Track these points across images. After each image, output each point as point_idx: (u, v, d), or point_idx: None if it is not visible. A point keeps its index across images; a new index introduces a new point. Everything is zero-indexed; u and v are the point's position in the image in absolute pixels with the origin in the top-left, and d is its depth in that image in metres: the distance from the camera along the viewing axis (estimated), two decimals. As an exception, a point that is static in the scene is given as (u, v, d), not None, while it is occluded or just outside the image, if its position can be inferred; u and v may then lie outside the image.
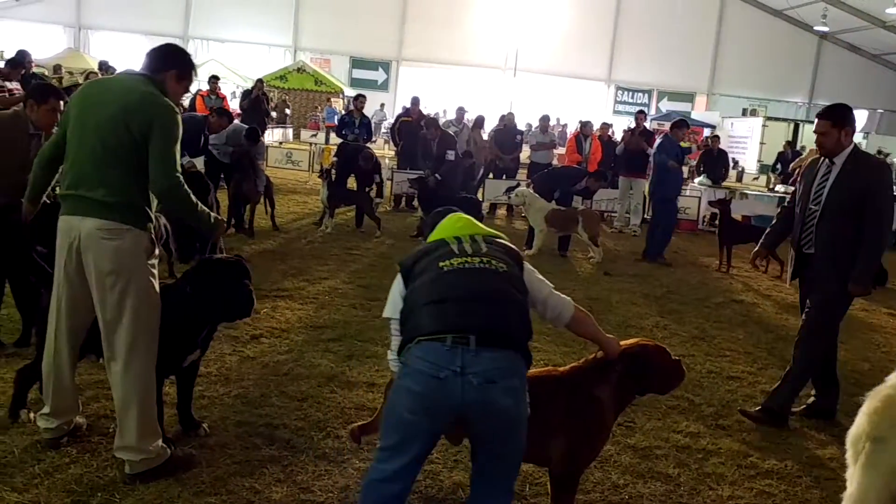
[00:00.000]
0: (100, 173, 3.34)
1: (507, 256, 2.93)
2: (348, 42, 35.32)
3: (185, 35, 34.72)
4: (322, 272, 7.94)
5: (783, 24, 35.60)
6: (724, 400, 5.19)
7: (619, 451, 4.19)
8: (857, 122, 4.98)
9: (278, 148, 19.03)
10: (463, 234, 2.98)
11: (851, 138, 4.79)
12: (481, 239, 2.96)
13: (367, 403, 4.52)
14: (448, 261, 2.83)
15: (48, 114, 4.76)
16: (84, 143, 3.40)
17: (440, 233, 3.05)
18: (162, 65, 3.52)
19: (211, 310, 3.68)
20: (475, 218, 3.15)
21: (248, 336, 5.57)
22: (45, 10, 33.68)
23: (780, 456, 4.38)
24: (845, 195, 4.69)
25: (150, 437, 3.46)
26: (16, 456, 3.55)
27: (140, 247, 3.39)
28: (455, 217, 3.12)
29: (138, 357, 3.41)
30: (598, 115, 27.70)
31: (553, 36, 35.44)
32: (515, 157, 14.72)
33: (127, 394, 3.41)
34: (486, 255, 2.86)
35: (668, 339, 6.61)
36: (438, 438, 2.82)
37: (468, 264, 2.81)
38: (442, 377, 2.58)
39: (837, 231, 4.73)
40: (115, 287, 3.35)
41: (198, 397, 4.22)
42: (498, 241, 3.03)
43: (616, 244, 11.84)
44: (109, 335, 3.40)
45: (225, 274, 3.68)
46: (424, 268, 2.86)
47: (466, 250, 2.88)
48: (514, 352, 2.68)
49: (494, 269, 2.81)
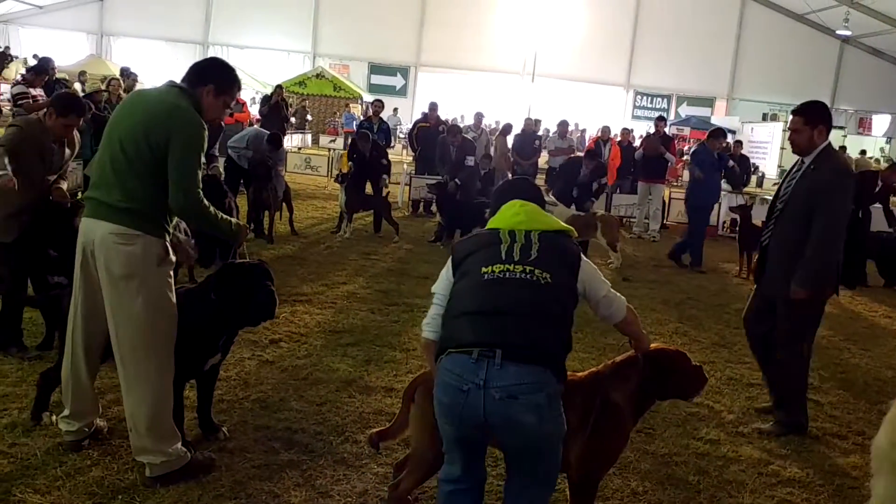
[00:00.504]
0: (118, 179, 3.37)
1: (559, 259, 2.86)
2: (367, 48, 35.47)
3: (206, 41, 35.03)
4: (340, 277, 7.96)
5: (804, 28, 35.32)
6: (744, 407, 5.15)
7: (639, 458, 4.17)
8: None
9: (297, 153, 19.13)
10: (519, 227, 2.92)
11: (825, 137, 4.65)
12: (536, 237, 2.87)
13: (385, 408, 4.53)
14: (491, 266, 2.79)
15: (63, 128, 4.83)
16: (108, 148, 3.44)
17: (498, 220, 3.00)
18: (198, 79, 3.52)
19: (234, 314, 3.70)
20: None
21: (267, 340, 5.59)
22: (69, 17, 34.12)
23: (802, 464, 4.33)
24: (805, 195, 4.60)
25: (169, 440, 3.48)
26: (38, 458, 3.58)
27: (151, 253, 3.39)
28: (517, 206, 3.02)
29: (147, 362, 3.42)
30: (616, 121, 27.72)
31: (571, 41, 35.39)
32: (534, 162, 14.69)
33: (135, 397, 3.43)
34: (532, 262, 2.79)
35: (687, 345, 6.56)
36: (482, 446, 2.86)
37: (509, 273, 2.76)
38: (465, 389, 2.61)
39: (793, 231, 4.62)
40: (125, 292, 3.37)
41: (217, 401, 4.24)
42: (554, 238, 2.93)
43: (635, 250, 11.78)
44: (118, 339, 3.43)
45: (248, 278, 3.69)
46: (470, 267, 2.86)
47: (514, 255, 2.81)
48: (542, 367, 2.64)
49: (535, 281, 2.75)
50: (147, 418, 3.42)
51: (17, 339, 4.94)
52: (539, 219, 2.98)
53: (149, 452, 3.43)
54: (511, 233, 2.90)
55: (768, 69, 35.29)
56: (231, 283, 3.65)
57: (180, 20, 34.34)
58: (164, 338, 3.47)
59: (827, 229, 4.49)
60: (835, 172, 4.59)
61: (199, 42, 35.07)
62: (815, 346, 6.91)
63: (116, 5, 34.50)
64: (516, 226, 2.93)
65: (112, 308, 3.41)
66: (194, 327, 3.59)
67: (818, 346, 6.94)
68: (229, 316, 3.70)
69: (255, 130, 10.99)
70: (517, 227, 2.92)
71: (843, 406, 5.39)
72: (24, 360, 4.77)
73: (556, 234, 2.96)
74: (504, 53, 35.68)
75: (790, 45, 34.99)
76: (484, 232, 3.01)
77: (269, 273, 3.78)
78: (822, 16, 32.83)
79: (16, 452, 3.62)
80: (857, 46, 35.68)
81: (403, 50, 36.03)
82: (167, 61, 32.41)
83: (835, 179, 4.56)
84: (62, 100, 5.00)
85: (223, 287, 3.65)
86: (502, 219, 2.99)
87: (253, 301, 3.67)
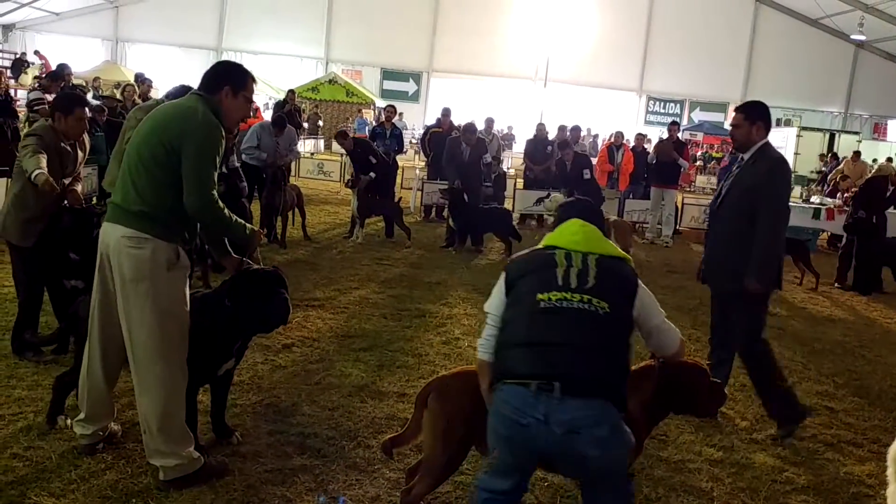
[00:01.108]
0: (133, 183, 3.41)
1: (616, 287, 2.82)
2: (379, 53, 35.58)
3: (219, 47, 35.23)
4: (353, 282, 7.98)
5: (818, 32, 35.16)
6: (757, 414, 5.11)
7: (652, 464, 4.15)
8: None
9: (310, 159, 19.20)
10: (577, 248, 2.87)
11: (763, 134, 4.75)
12: (594, 262, 2.82)
13: (397, 414, 4.53)
14: (548, 294, 2.74)
15: (77, 123, 4.87)
16: (128, 154, 3.50)
17: (557, 237, 2.96)
18: (215, 84, 3.54)
19: (249, 320, 3.71)
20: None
21: (279, 345, 5.61)
22: (85, 24, 34.41)
23: (816, 471, 4.30)
24: (740, 191, 4.68)
25: (181, 443, 3.50)
26: (53, 461, 3.61)
27: (160, 258, 3.40)
28: (577, 225, 2.98)
29: (158, 364, 3.44)
30: (629, 126, 27.61)
31: (584, 46, 35.36)
32: (546, 167, 14.68)
33: (147, 399, 3.45)
34: (590, 289, 2.74)
35: (701, 351, 6.52)
36: (535, 467, 2.87)
37: (566, 302, 2.71)
38: (525, 423, 2.58)
39: (733, 226, 4.69)
40: (135, 295, 3.40)
41: (230, 405, 4.26)
42: (612, 263, 2.88)
43: (648, 255, 11.75)
44: (130, 342, 3.45)
45: (262, 285, 3.71)
46: (525, 291, 2.80)
47: (570, 282, 2.76)
48: (602, 399, 2.61)
49: (593, 312, 2.70)
50: (158, 419, 3.44)
51: (33, 343, 4.98)
52: (597, 243, 2.94)
53: (162, 455, 3.45)
54: (567, 255, 2.85)
55: (782, 74, 35.13)
56: (246, 289, 3.67)
57: (194, 26, 34.56)
58: (176, 341, 3.48)
59: (772, 220, 4.57)
60: (771, 165, 4.68)
61: (212, 48, 35.27)
62: (830, 352, 6.92)
63: (131, 12, 34.78)
64: (573, 246, 2.88)
65: (124, 311, 3.44)
66: (209, 332, 3.61)
67: (833, 352, 6.93)
68: (244, 322, 3.72)
69: (260, 123, 10.96)
70: (574, 247, 2.87)
71: (858, 413, 5.35)
72: (40, 364, 4.81)
73: (613, 259, 2.91)
74: (516, 59, 35.69)
75: (804, 50, 34.84)
76: (539, 251, 2.96)
77: (283, 280, 3.80)
78: (837, 20, 32.68)
79: (31, 456, 3.65)
80: (872, 51, 35.47)
81: (416, 55, 36.11)
82: (181, 67, 32.64)
83: (772, 170, 4.65)
84: (62, 100, 5.09)
85: (238, 294, 3.66)
86: (560, 237, 2.95)
87: (267, 308, 3.68)
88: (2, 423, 3.98)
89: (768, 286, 4.73)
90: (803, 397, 5.51)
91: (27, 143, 4.75)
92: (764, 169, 4.63)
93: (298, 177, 16.69)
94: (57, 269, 4.91)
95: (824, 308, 9.03)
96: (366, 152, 11.04)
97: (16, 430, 3.91)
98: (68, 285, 4.92)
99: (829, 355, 6.86)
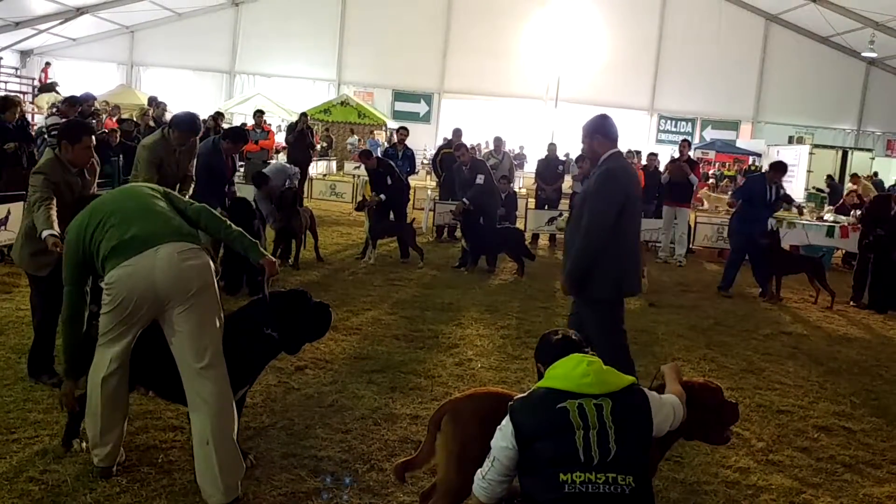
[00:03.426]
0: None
1: (636, 437, 2.70)
2: (391, 75, 35.79)
3: (233, 70, 35.58)
4: (365, 303, 7.99)
5: (829, 50, 35.09)
6: (774, 434, 5.07)
7: (667, 487, 4.12)
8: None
9: (322, 180, 19.31)
10: (590, 391, 2.70)
11: (608, 146, 4.80)
12: (609, 414, 2.66)
13: (410, 436, 4.52)
14: (570, 475, 2.60)
15: (84, 152, 4.82)
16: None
17: (564, 379, 2.76)
18: None
19: (299, 338, 3.90)
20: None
21: (292, 367, 5.62)
22: (101, 48, 34.81)
23: (835, 493, 4.25)
24: (581, 199, 4.87)
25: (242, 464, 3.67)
26: (69, 485, 3.62)
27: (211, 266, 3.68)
28: (583, 364, 2.78)
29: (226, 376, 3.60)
30: (641, 145, 27.62)
31: (595, 66, 35.44)
32: (557, 187, 14.71)
33: (230, 414, 3.59)
34: (612, 462, 2.60)
35: (715, 371, 6.49)
36: None
37: (592, 486, 2.58)
38: None
39: (572, 234, 4.85)
40: (207, 300, 3.60)
41: (244, 428, 4.26)
42: (626, 403, 2.73)
43: (661, 274, 11.70)
44: (197, 356, 3.51)
45: (297, 301, 3.87)
46: (545, 463, 2.64)
47: (592, 454, 2.60)
48: None
49: (620, 494, 2.58)
50: (234, 432, 3.58)
51: (49, 366, 5.01)
52: (607, 378, 2.77)
53: (234, 479, 3.52)
54: (581, 410, 2.67)
55: (794, 92, 35.07)
56: (286, 311, 3.79)
57: (208, 50, 34.91)
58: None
59: (589, 225, 4.64)
60: (601, 173, 4.73)
61: (225, 71, 35.62)
62: (846, 371, 6.86)
63: (146, 37, 35.19)
64: (586, 390, 2.71)
65: (193, 325, 3.49)
66: (243, 356, 3.68)
67: (849, 371, 6.87)
68: (294, 341, 3.86)
69: (275, 164, 11.07)
70: (587, 391, 2.71)
71: (876, 433, 5.28)
72: (56, 388, 4.83)
73: (624, 395, 2.75)
74: (527, 79, 35.80)
75: (815, 68, 34.76)
76: (549, 401, 2.73)
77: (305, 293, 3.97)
78: (847, 38, 32.63)
79: (47, 479, 3.66)
80: (884, 68, 35.36)
81: (427, 77, 36.30)
82: (195, 90, 32.96)
83: (599, 178, 4.71)
84: (69, 129, 4.99)
85: (280, 318, 3.77)
86: (568, 379, 2.75)
87: (313, 319, 3.89)
88: (18, 446, 4.00)
89: (618, 294, 4.80)
90: (820, 417, 5.48)
91: (34, 184, 4.69)
92: (594, 178, 4.77)
93: (311, 198, 16.79)
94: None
95: (840, 327, 8.95)
96: (386, 173, 11.12)
97: (31, 453, 3.93)
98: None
99: (845, 374, 6.80)
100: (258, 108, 17.56)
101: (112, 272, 3.44)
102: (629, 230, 4.78)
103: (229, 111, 27.25)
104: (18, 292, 7.01)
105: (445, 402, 3.43)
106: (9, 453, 3.91)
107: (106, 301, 3.49)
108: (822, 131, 34.98)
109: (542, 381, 2.83)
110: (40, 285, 4.93)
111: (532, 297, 9.05)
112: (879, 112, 35.27)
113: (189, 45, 34.59)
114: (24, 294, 6.54)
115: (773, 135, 33.82)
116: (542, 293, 9.34)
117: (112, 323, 3.52)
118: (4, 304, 6.72)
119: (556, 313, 8.31)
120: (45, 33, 31.33)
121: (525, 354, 6.49)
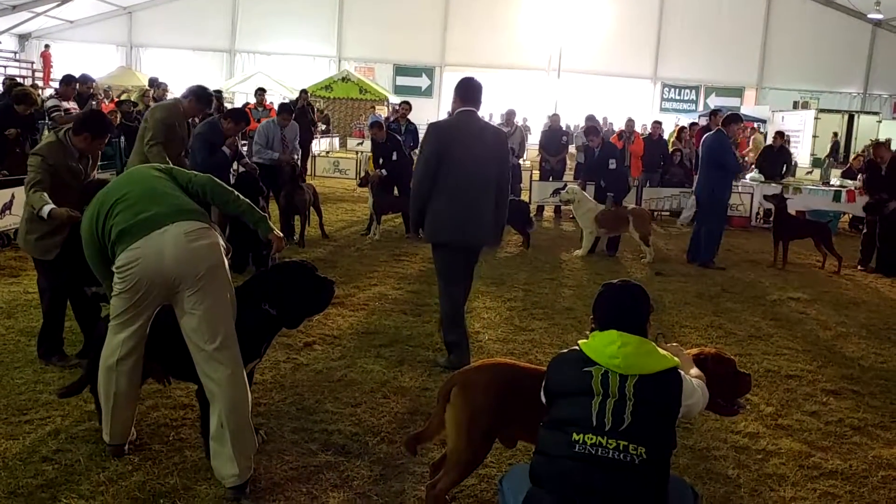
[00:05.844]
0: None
1: (656, 416, 2.66)
2: (391, 50, 35.55)
3: (232, 49, 35.40)
4: (371, 279, 8.00)
5: (834, 12, 34.66)
6: (783, 399, 5.08)
7: (677, 453, 4.12)
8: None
9: (325, 157, 19.25)
10: (616, 365, 2.67)
11: (458, 104, 5.34)
12: (632, 390, 2.63)
13: (419, 408, 4.54)
14: (582, 435, 2.61)
15: (100, 145, 4.99)
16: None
17: (595, 349, 2.74)
18: None
19: (299, 312, 3.86)
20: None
21: (301, 343, 5.64)
22: (99, 30, 34.67)
23: (844, 456, 4.26)
24: None
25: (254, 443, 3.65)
26: (81, 464, 3.65)
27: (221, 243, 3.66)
28: (616, 344, 2.71)
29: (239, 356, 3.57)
30: (644, 113, 27.44)
31: (597, 35, 35.12)
32: (562, 158, 14.64)
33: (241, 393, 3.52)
34: (625, 431, 2.60)
35: (723, 338, 6.49)
36: None
37: (601, 450, 2.59)
38: None
39: None
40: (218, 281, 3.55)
41: (254, 404, 4.26)
42: (654, 385, 2.67)
43: (667, 244, 11.67)
44: (211, 335, 3.45)
45: (296, 275, 3.83)
46: (562, 421, 2.69)
47: (605, 420, 2.61)
48: None
49: (629, 462, 2.58)
50: (248, 413, 3.54)
51: (59, 348, 5.04)
52: (639, 361, 2.70)
53: (248, 457, 3.50)
54: (604, 379, 2.66)
55: (798, 56, 34.69)
56: (284, 286, 3.75)
57: (207, 29, 34.71)
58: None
59: (413, 175, 5.44)
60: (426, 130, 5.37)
61: (225, 50, 35.44)
62: (855, 335, 6.85)
63: (144, 17, 35.00)
64: (612, 360, 2.69)
65: (206, 306, 3.44)
66: (247, 332, 3.66)
67: (857, 335, 6.86)
68: (295, 314, 3.82)
69: (265, 122, 10.84)
70: (613, 361, 2.68)
71: (884, 396, 5.28)
72: (66, 369, 4.86)
73: (656, 378, 2.69)
74: (529, 50, 35.51)
75: (820, 31, 34.34)
76: (578, 362, 2.75)
77: (305, 265, 3.93)
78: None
79: (60, 458, 3.70)
80: (890, 30, 34.92)
81: (428, 50, 36.04)
82: (195, 70, 32.79)
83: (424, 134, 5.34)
84: (95, 123, 4.97)
85: (279, 293, 3.73)
86: (598, 352, 2.73)
87: (312, 293, 3.84)
88: (30, 427, 4.03)
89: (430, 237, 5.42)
90: (828, 381, 5.48)
91: (31, 164, 4.70)
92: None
93: (314, 175, 16.77)
94: (78, 276, 4.95)
95: (848, 291, 8.93)
96: (393, 148, 11.06)
97: (44, 433, 3.96)
98: (89, 292, 4.96)
99: (853, 338, 6.79)
100: (260, 87, 17.47)
101: (121, 255, 3.43)
102: (450, 181, 5.15)
103: (230, 90, 27.14)
104: (25, 276, 7.03)
105: (454, 373, 3.44)
106: (22, 434, 3.94)
107: (117, 283, 3.49)
108: (828, 96, 34.61)
109: (582, 342, 2.83)
110: (46, 269, 4.95)
111: (538, 269, 9.04)
112: (886, 74, 34.87)
113: (188, 24, 34.41)
114: (31, 277, 6.56)
115: (777, 100, 33.50)
116: (548, 265, 9.33)
117: (124, 306, 3.51)
118: (12, 288, 6.74)
119: (562, 284, 8.31)
120: (42, 16, 31.18)
121: (532, 326, 6.50)
